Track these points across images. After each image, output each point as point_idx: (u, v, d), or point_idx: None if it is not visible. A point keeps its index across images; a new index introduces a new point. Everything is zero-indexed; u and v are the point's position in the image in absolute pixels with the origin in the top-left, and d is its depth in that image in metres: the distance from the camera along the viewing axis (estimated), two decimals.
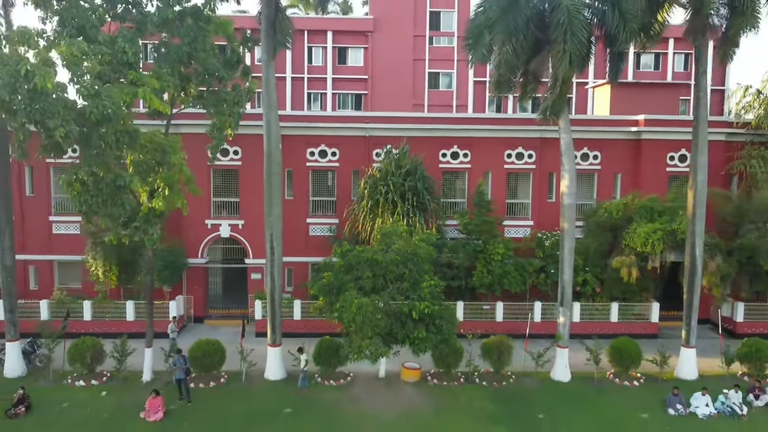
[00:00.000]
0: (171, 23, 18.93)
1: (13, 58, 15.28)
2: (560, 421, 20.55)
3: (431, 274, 22.22)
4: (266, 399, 21.99)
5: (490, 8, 21.22)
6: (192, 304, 30.82)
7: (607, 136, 31.43)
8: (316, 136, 30.91)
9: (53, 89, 15.34)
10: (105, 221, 19.29)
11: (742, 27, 20.86)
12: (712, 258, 25.81)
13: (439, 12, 51.41)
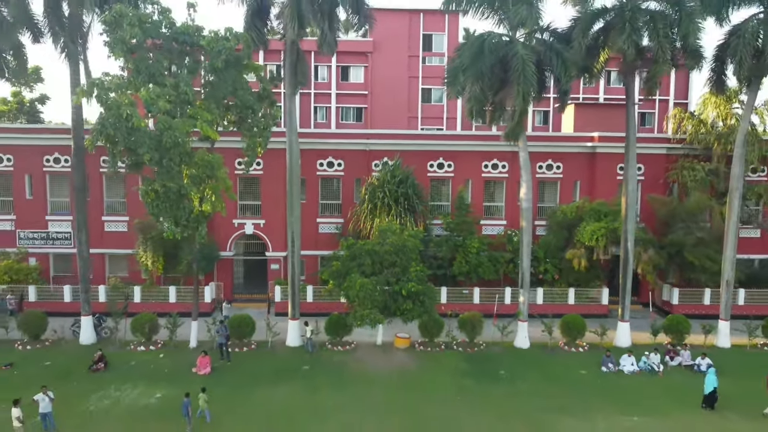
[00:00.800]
0: (218, 70, 24.73)
1: (116, 104, 21.16)
2: (517, 377, 26.38)
3: (417, 261, 28.17)
4: (288, 360, 27.87)
5: (463, 55, 27.10)
6: (222, 290, 36.74)
7: (568, 150, 37.35)
8: (325, 150, 36.83)
9: (144, 126, 21.21)
10: (168, 221, 25.07)
11: (658, 72, 26.72)
12: (646, 251, 31.74)
13: (431, 35, 57.23)
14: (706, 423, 21.92)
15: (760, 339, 30.40)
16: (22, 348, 28.71)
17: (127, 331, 29.77)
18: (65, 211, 36.82)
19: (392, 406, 22.87)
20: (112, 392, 23.76)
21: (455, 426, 21.36)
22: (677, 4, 26.22)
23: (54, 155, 36.23)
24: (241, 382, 25.27)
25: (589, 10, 27.49)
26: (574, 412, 22.59)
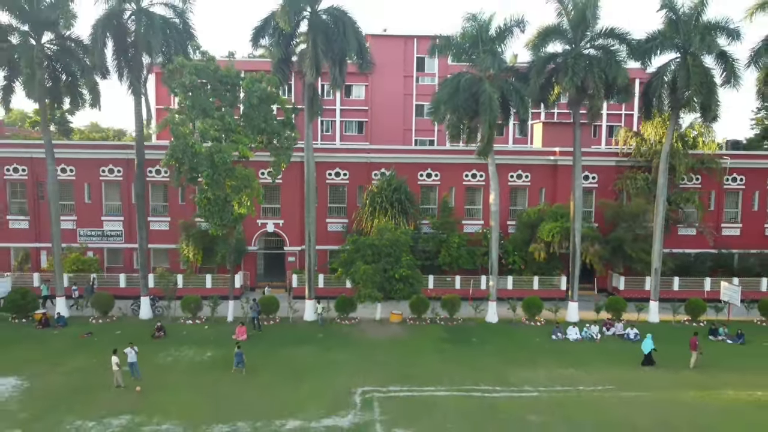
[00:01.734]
0: (254, 105, 31.84)
1: (183, 134, 28.35)
2: (485, 342, 33.53)
3: (408, 253, 35.33)
4: (306, 330, 35.06)
5: (443, 91, 34.29)
6: (248, 278, 43.89)
7: (534, 162, 44.56)
8: (333, 162, 44.01)
9: (205, 152, 28.40)
10: (215, 222, 32.17)
11: (595, 105, 33.91)
12: (593, 245, 38.92)
13: (423, 57, 64.34)
14: (626, 373, 29.07)
15: (683, 316, 37.65)
16: (95, 322, 35.91)
17: (176, 309, 36.98)
18: (117, 213, 43.98)
19: (387, 361, 30.02)
20: (173, 352, 30.90)
21: (435, 373, 28.47)
22: (609, 52, 33.44)
23: (108, 167, 43.38)
24: (270, 345, 32.41)
25: (542, 55, 34.69)
26: (525, 366, 29.73)
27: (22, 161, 43.04)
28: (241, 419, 22.98)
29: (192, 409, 23.93)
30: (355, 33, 32.63)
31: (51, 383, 26.62)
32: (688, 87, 33.31)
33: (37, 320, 35.20)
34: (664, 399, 25.75)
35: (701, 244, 44.75)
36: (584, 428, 22.86)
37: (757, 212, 45.42)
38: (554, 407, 24.79)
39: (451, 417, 23.62)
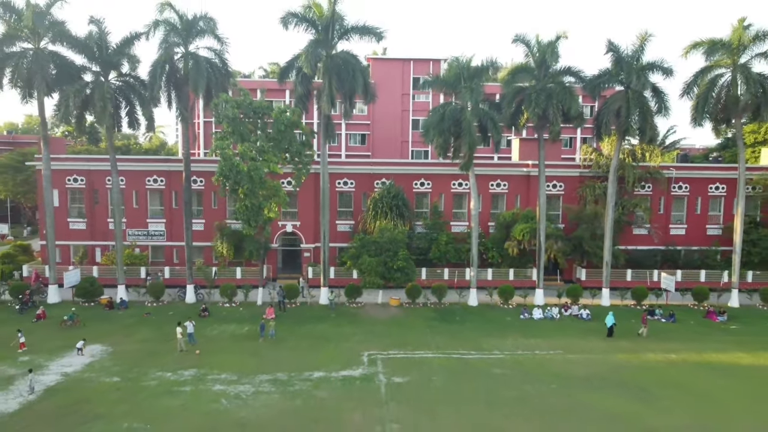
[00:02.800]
0: (281, 131, 39.42)
1: (230, 156, 35.99)
2: (466, 320, 41.11)
3: (404, 249, 42.93)
4: (321, 311, 42.66)
5: (432, 117, 41.89)
6: (270, 270, 51.50)
7: (511, 173, 52.17)
8: (342, 173, 51.58)
9: (245, 169, 36.07)
10: (249, 224, 39.73)
11: (554, 130, 41.53)
12: (556, 242, 46.52)
13: (419, 77, 71.84)
14: (574, 342, 36.70)
15: (630, 301, 45.30)
16: (150, 305, 43.60)
17: (214, 295, 44.64)
18: (159, 216, 51.59)
19: (387, 333, 37.64)
20: (217, 327, 38.52)
21: (425, 342, 36.05)
22: (565, 87, 41.06)
23: (153, 177, 51.01)
24: (293, 322, 40.04)
25: (512, 88, 42.33)
26: (496, 337, 37.33)
27: (81, 172, 50.69)
28: (279, 372, 30.58)
29: (240, 365, 31.54)
30: (362, 73, 40.24)
31: (128, 349, 34.26)
32: (628, 115, 40.98)
33: (103, 304, 42.88)
34: (599, 359, 33.40)
35: (652, 242, 52.38)
36: (534, 378, 30.48)
37: (699, 215, 53.00)
38: (514, 364, 32.44)
39: (434, 371, 31.25)
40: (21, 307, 41.33)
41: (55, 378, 29.43)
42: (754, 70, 42.90)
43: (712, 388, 29.45)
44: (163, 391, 28.06)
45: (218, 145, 36.85)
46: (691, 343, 36.72)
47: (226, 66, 42.75)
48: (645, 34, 41.44)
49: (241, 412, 25.74)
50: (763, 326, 41.04)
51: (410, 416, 25.46)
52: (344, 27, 40.13)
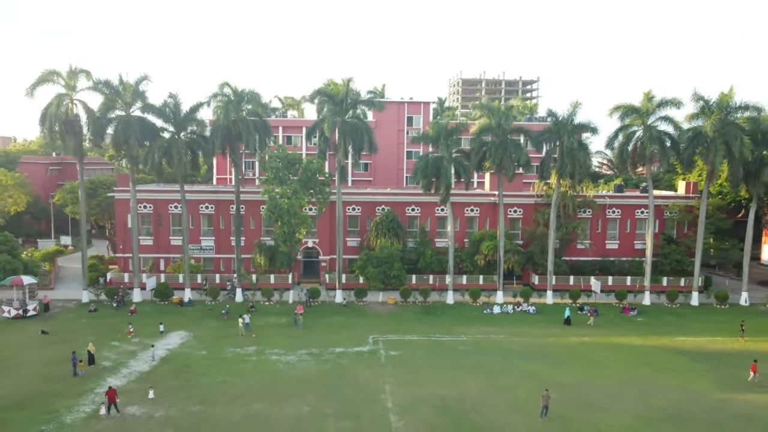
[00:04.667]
0: (309, 176, 52.48)
1: (274, 196, 49.13)
2: (444, 315, 54.14)
3: (398, 261, 56.12)
4: (337, 308, 55.71)
5: (419, 164, 55.03)
6: (295, 276, 64.56)
7: (482, 201, 65.27)
8: (350, 201, 64.62)
9: (285, 207, 49.23)
10: (285, 244, 52.77)
11: (508, 174, 54.68)
12: (513, 256, 59.66)
13: (412, 116, 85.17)
14: (520, 329, 49.81)
15: (568, 300, 58.41)
16: (209, 303, 56.67)
17: (257, 295, 57.77)
18: (209, 235, 64.58)
19: (386, 323, 50.72)
20: (263, 319, 51.45)
21: (413, 329, 49.06)
22: (517, 143, 54.24)
23: (205, 204, 64.06)
24: (317, 315, 53.09)
25: (478, 142, 55.50)
26: (464, 326, 50.38)
27: (149, 201, 63.72)
28: (312, 348, 43.60)
29: (285, 344, 44.58)
30: (367, 133, 53.46)
31: (204, 334, 47.33)
32: (562, 163, 54.22)
33: (175, 302, 55.97)
34: (533, 341, 46.45)
35: (591, 254, 65.58)
36: (485, 352, 43.51)
37: (629, 233, 66.13)
38: (474, 344, 45.53)
39: (418, 348, 44.32)
40: (117, 306, 54.43)
41: (164, 352, 42.54)
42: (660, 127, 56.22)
43: (605, 358, 42.58)
44: (237, 359, 41.17)
45: (266, 190, 50.13)
46: (603, 330, 49.87)
47: (267, 126, 55.92)
48: (576, 103, 54.78)
49: (291, 371, 38.86)
50: (662, 319, 54.21)
51: (400, 374, 38.59)
52: (355, 100, 53.42)
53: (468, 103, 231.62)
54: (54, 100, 52.54)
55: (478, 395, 35.04)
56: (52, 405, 32.97)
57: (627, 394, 35.60)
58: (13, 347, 43.35)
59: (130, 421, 31.04)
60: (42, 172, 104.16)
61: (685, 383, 37.79)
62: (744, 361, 41.41)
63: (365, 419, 31.60)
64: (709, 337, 48.18)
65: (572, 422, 31.59)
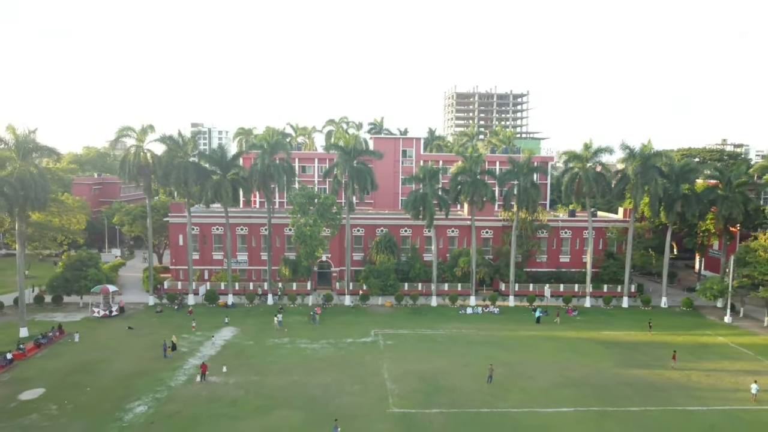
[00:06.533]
0: (325, 209, 66.91)
1: (300, 226, 63.66)
2: (428, 315, 68.49)
3: (393, 272, 70.64)
4: (346, 309, 69.99)
5: (408, 199, 69.48)
6: (312, 284, 78.97)
7: (459, 224, 79.73)
8: (355, 224, 79.12)
9: (308, 233, 63.73)
10: (306, 260, 67.20)
11: (478, 205, 69.17)
12: (484, 268, 74.13)
13: (406, 149, 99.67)
14: (486, 325, 64.33)
15: (526, 303, 72.81)
16: (248, 305, 71.15)
17: (283, 299, 72.27)
18: (244, 250, 78.99)
19: (383, 321, 65.07)
20: (290, 318, 65.73)
21: (404, 325, 63.45)
22: (483, 182, 68.74)
23: (240, 226, 78.52)
24: (331, 315, 67.44)
25: (455, 181, 69.99)
26: (443, 323, 64.75)
27: (196, 224, 78.19)
28: (330, 339, 57.97)
29: (309, 336, 58.98)
30: (370, 176, 67.97)
31: (247, 329, 61.73)
32: (520, 198, 68.77)
33: (221, 305, 70.43)
34: (493, 334, 60.84)
35: (548, 266, 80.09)
36: (456, 342, 57.87)
37: (578, 249, 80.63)
38: (449, 336, 59.92)
39: (408, 338, 58.76)
40: (177, 308, 68.94)
41: (222, 342, 57.00)
42: (597, 169, 70.76)
43: (542, 346, 57.00)
44: (276, 347, 55.62)
45: (294, 220, 64.88)
46: (547, 326, 64.23)
47: (292, 168, 70.48)
48: (530, 150, 69.27)
49: (316, 355, 53.32)
50: (596, 318, 68.57)
51: (394, 356, 53.02)
52: (360, 150, 68.13)
53: (462, 114, 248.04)
54: (130, 149, 67.12)
55: (446, 370, 49.54)
56: (158, 375, 47.44)
57: (550, 369, 50.10)
58: (114, 338, 57.83)
59: (213, 385, 45.55)
60: (88, 191, 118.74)
61: (594, 362, 52.29)
62: (644, 348, 56.19)
63: (369, 385, 46.09)
64: (625, 332, 62.64)
65: (507, 386, 46.09)
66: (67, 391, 44.09)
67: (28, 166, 55.70)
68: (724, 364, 52.75)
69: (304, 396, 43.45)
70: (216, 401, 42.39)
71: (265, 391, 44.53)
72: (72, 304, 70.57)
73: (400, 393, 44.49)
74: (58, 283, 67.99)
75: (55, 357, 52.02)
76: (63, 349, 54.23)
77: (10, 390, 44.32)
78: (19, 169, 54.78)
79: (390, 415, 40.52)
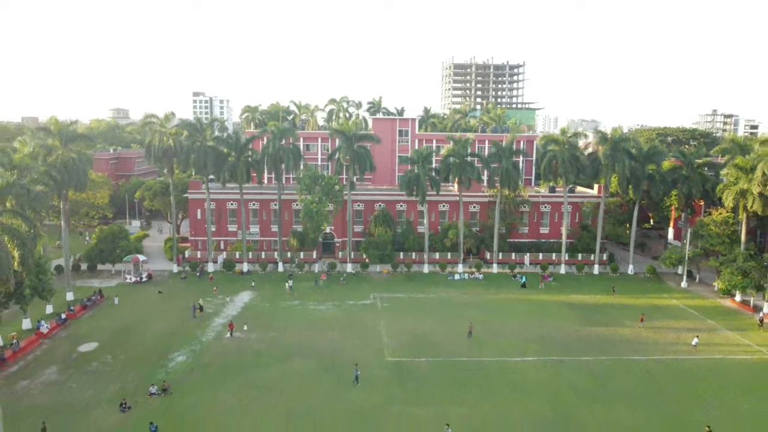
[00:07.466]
0: (329, 188, 74.41)
1: (307, 203, 71.31)
2: (420, 281, 76.63)
3: (390, 243, 78.59)
4: (349, 276, 78.05)
5: (403, 179, 76.93)
6: (317, 254, 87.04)
7: (449, 199, 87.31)
8: (357, 199, 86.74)
9: (315, 210, 71.43)
10: (313, 233, 75.06)
11: (465, 184, 76.69)
12: (470, 240, 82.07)
13: (402, 129, 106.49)
14: (470, 290, 72.61)
15: (508, 270, 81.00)
16: (261, 272, 79.33)
17: (293, 267, 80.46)
18: (256, 223, 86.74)
19: (381, 286, 73.25)
20: (300, 284, 73.78)
21: (400, 289, 71.64)
22: (471, 164, 76.11)
23: (253, 201, 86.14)
24: (334, 281, 75.53)
25: (445, 162, 77.36)
26: (433, 288, 72.94)
27: (213, 200, 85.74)
28: (334, 301, 66.22)
29: (316, 299, 67.19)
30: (369, 158, 75.22)
31: (263, 293, 69.98)
32: (502, 179, 76.26)
33: (238, 272, 78.61)
34: (476, 297, 69.11)
35: (529, 237, 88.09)
36: (443, 305, 66.13)
37: (557, 222, 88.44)
38: (438, 299, 68.15)
39: (402, 301, 67.04)
40: (199, 275, 77.13)
41: (242, 304, 65.33)
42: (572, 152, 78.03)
43: (516, 308, 65.28)
44: (289, 308, 63.93)
45: (302, 199, 72.50)
46: (524, 291, 72.54)
47: (299, 152, 77.72)
48: (513, 136, 76.47)
49: (323, 315, 61.63)
50: (568, 284, 76.73)
51: (389, 316, 61.35)
52: (360, 135, 75.22)
53: (459, 85, 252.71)
54: (155, 135, 74.32)
55: (434, 327, 57.91)
56: (191, 333, 55.81)
57: (521, 327, 58.47)
58: (147, 301, 66.11)
59: (238, 340, 53.93)
60: (106, 166, 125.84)
61: (559, 322, 60.67)
62: (605, 309, 64.67)
63: (369, 339, 54.49)
64: (592, 295, 70.95)
65: (483, 340, 54.49)
66: (117, 344, 52.47)
67: (69, 152, 62.91)
68: (670, 322, 61.11)
69: (314, 348, 51.86)
70: (243, 353, 50.82)
71: (282, 344, 52.92)
72: (105, 272, 78.75)
73: (395, 346, 52.91)
74: (93, 254, 76.01)
75: (101, 317, 60.37)
76: (106, 311, 62.56)
77: (70, 344, 52.69)
78: (62, 155, 62.03)
79: (386, 363, 48.99)
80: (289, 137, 78.55)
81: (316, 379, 45.55)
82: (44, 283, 52.61)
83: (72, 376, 45.67)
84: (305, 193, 73.95)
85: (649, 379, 46.84)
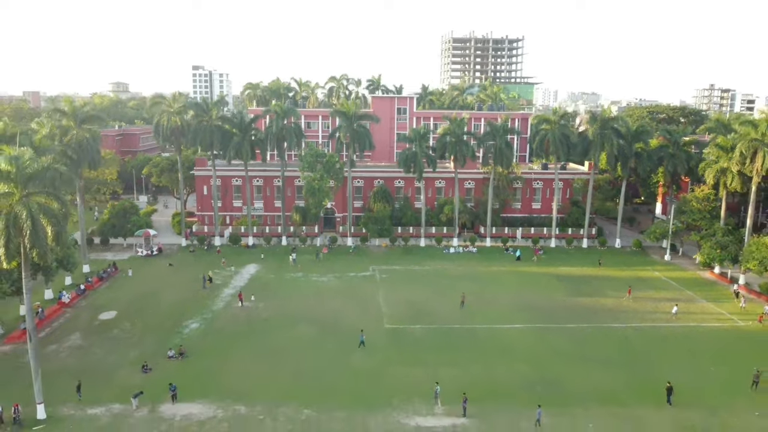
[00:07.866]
0: (330, 165, 77.45)
1: (309, 180, 74.43)
2: (417, 254, 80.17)
3: (389, 218, 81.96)
4: (348, 249, 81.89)
5: (401, 156, 79.90)
6: (319, 228, 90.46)
7: (446, 176, 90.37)
8: (357, 176, 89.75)
9: (317, 186, 74.59)
10: (316, 208, 78.38)
11: (460, 162, 79.69)
12: (465, 215, 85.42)
13: (401, 107, 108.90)
14: (464, 263, 76.22)
15: (501, 244, 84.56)
16: (266, 246, 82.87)
17: (296, 241, 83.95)
18: (260, 199, 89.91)
19: (380, 259, 76.76)
20: (302, 257, 77.35)
21: (398, 262, 75.18)
22: (465, 143, 79.03)
23: (257, 178, 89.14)
24: (336, 255, 79.01)
25: (441, 140, 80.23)
26: (429, 260, 76.38)
27: (219, 176, 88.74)
28: (335, 273, 69.79)
29: (319, 271, 70.69)
30: (368, 137, 78.01)
31: (268, 266, 73.54)
32: (495, 157, 79.25)
33: (243, 246, 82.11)
34: (470, 269, 72.71)
35: (522, 212, 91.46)
36: (438, 276, 69.73)
37: (548, 198, 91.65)
38: (434, 271, 71.74)
39: (399, 273, 70.64)
40: (207, 248, 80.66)
41: (249, 275, 68.95)
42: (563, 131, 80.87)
43: (508, 279, 68.92)
44: (293, 280, 67.54)
45: (304, 177, 75.60)
46: (516, 264, 76.19)
47: (301, 131, 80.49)
48: (506, 116, 79.21)
49: (326, 286, 65.26)
50: (557, 257, 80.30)
51: (388, 287, 64.99)
52: (360, 115, 77.92)
53: (458, 59, 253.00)
54: (164, 116, 77.03)
55: (429, 297, 61.62)
56: (202, 302, 59.49)
57: (510, 297, 62.19)
58: (159, 273, 69.72)
59: (247, 309, 57.63)
60: (112, 142, 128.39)
61: (547, 292, 64.35)
62: (591, 281, 68.36)
63: (369, 308, 58.18)
64: (579, 267, 74.59)
65: (475, 309, 58.24)
66: (134, 313, 56.18)
67: (83, 132, 65.77)
68: (651, 293, 64.84)
69: (317, 316, 55.59)
70: (252, 320, 54.59)
71: (288, 313, 56.63)
72: (117, 245, 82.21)
73: (392, 314, 56.67)
74: (106, 228, 79.40)
75: (117, 288, 64.02)
76: (121, 282, 66.21)
77: (90, 313, 56.42)
78: (77, 135, 64.91)
79: (384, 330, 52.79)
80: (291, 117, 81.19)
81: (320, 344, 49.35)
82: (69, 257, 55.97)
83: (95, 342, 49.44)
84: (307, 170, 77.01)
85: (626, 345, 50.67)
